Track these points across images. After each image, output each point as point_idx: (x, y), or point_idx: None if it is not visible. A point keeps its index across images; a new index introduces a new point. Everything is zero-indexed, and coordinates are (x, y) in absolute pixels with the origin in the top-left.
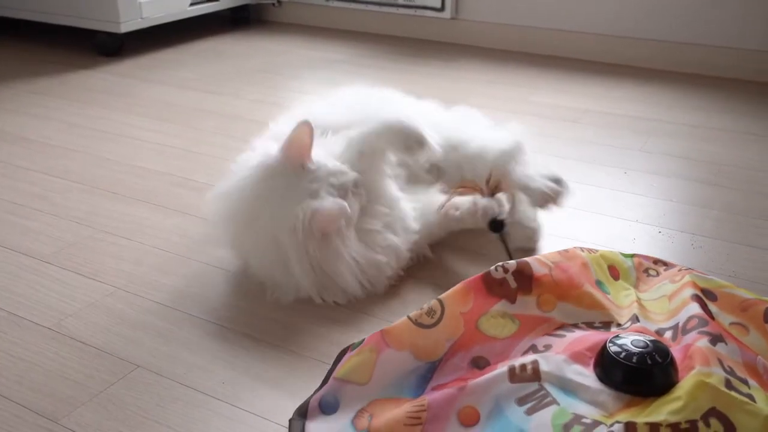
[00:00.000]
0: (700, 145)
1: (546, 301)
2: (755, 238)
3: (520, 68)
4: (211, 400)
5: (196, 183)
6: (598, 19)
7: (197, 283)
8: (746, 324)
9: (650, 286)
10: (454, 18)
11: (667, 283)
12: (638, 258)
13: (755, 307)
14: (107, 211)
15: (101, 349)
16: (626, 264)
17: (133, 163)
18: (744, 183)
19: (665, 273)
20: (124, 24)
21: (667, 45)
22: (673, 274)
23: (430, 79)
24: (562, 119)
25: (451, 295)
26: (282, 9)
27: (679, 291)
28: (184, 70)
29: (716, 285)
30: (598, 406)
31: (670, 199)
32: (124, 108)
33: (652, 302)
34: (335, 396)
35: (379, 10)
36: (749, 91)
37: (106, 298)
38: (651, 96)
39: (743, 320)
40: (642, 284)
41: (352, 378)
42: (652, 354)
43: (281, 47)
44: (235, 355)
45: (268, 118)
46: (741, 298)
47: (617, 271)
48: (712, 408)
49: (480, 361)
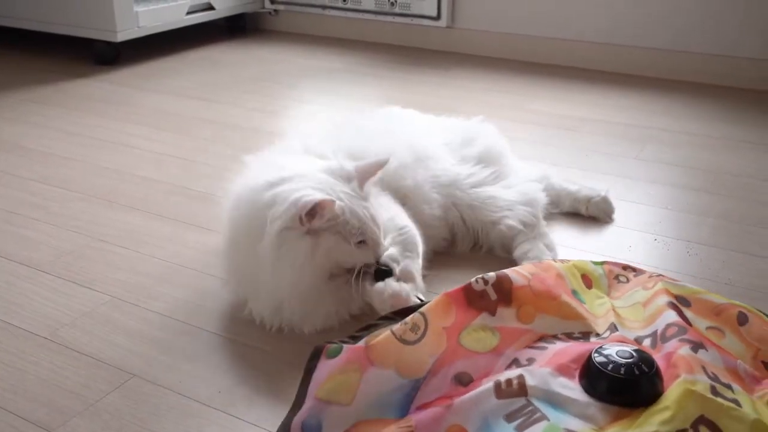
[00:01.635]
0: (697, 153)
1: (526, 312)
2: (751, 246)
3: (517, 76)
4: (207, 409)
5: (193, 192)
6: (595, 28)
7: (194, 293)
8: (722, 328)
9: (622, 293)
10: (450, 27)
11: (639, 290)
12: (608, 265)
13: (728, 311)
14: (104, 219)
15: (97, 359)
16: (597, 272)
17: (130, 171)
18: (740, 191)
19: (635, 279)
20: (121, 33)
21: (664, 53)
22: (644, 281)
23: (426, 87)
24: (559, 127)
25: (433, 308)
26: (278, 18)
27: (653, 298)
28: (180, 79)
29: (688, 291)
30: (588, 419)
31: (666, 207)
32: (121, 117)
33: (626, 309)
34: (318, 418)
35: (375, 19)
36: (745, 100)
37: (102, 307)
38: (647, 104)
39: (718, 324)
40: (613, 291)
41: (334, 398)
42: (639, 364)
43: (278, 56)
44: (231, 364)
45: (266, 127)
46: (714, 303)
47: (590, 280)
48: (700, 416)
49: (463, 377)
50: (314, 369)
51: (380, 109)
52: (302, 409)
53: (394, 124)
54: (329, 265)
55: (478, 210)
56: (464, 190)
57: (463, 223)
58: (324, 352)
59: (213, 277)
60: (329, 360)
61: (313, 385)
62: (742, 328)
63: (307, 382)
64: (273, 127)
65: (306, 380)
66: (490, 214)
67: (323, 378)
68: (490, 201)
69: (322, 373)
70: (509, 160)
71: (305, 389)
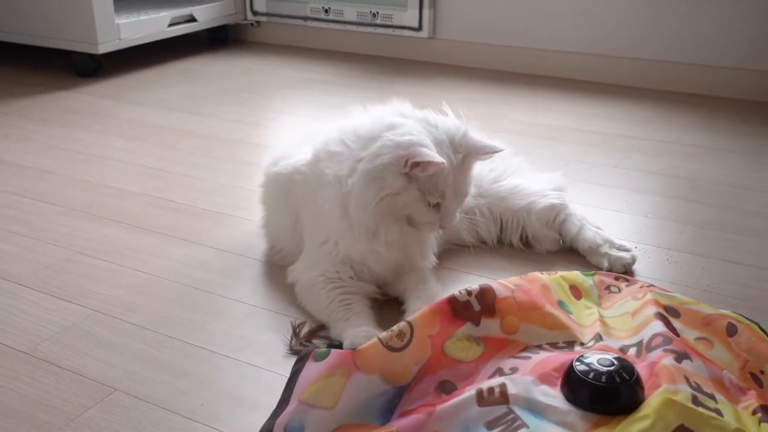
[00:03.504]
0: (676, 161)
1: (510, 323)
2: (730, 253)
3: (498, 86)
4: (190, 423)
5: (174, 204)
6: (575, 38)
7: (175, 305)
8: (710, 338)
9: (613, 303)
10: (432, 37)
11: (629, 300)
12: (599, 275)
13: (717, 321)
14: (84, 232)
15: (78, 373)
16: (587, 283)
17: (110, 184)
18: (719, 199)
19: (627, 289)
20: (102, 45)
21: (643, 63)
22: (635, 291)
23: (408, 98)
24: (538, 136)
25: (419, 317)
26: (260, 29)
27: (642, 308)
28: (162, 91)
29: (678, 302)
30: (567, 427)
31: (646, 215)
32: (102, 129)
33: (615, 319)
34: (301, 421)
35: (357, 30)
36: (723, 108)
37: (83, 321)
38: (626, 113)
39: (707, 335)
40: (605, 301)
41: (318, 402)
42: (619, 372)
43: (260, 67)
44: (214, 376)
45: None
46: (703, 313)
47: (579, 291)
48: (680, 425)
49: (447, 386)
50: (300, 371)
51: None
52: (285, 411)
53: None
54: (400, 210)
55: (507, 200)
56: (491, 184)
57: (491, 214)
58: (312, 354)
59: (194, 288)
60: (316, 363)
61: (297, 388)
62: (731, 339)
63: (293, 384)
64: (255, 138)
65: (291, 382)
66: (520, 202)
67: (308, 381)
68: (518, 190)
69: (308, 376)
70: (516, 158)
71: (290, 391)
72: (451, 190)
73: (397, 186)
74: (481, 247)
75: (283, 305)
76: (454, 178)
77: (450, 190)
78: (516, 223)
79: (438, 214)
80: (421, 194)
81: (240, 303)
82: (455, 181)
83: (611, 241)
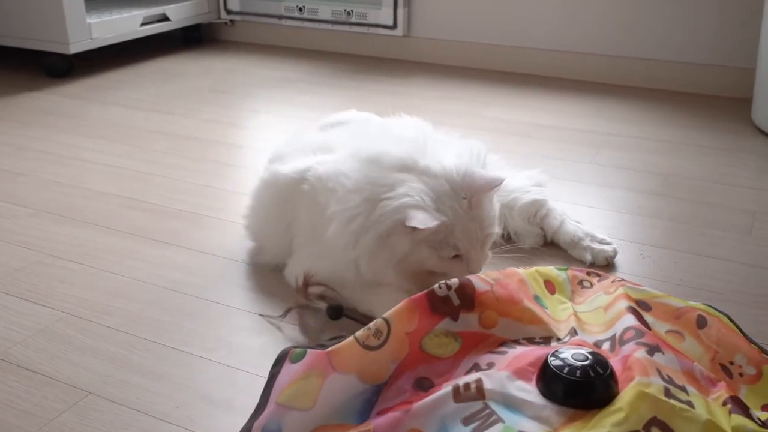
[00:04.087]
0: (649, 157)
1: (488, 317)
2: (702, 247)
3: (473, 84)
4: (165, 425)
5: (148, 204)
6: (549, 36)
7: (150, 307)
8: (681, 331)
9: (585, 297)
10: (407, 35)
11: (601, 294)
12: (572, 270)
13: (688, 314)
14: (56, 235)
15: (51, 377)
16: (561, 277)
17: (82, 185)
18: (691, 193)
19: (599, 284)
20: (74, 45)
21: (616, 60)
22: (606, 286)
23: (382, 96)
24: (514, 134)
25: (396, 314)
26: (234, 28)
27: (614, 302)
28: (135, 91)
29: (649, 295)
30: (543, 421)
31: (620, 211)
32: (73, 130)
33: (588, 314)
34: (278, 423)
35: (331, 29)
36: (695, 104)
37: (55, 324)
38: (600, 110)
39: (678, 328)
40: (577, 296)
41: (295, 404)
42: (594, 366)
43: (234, 66)
44: (189, 378)
45: (222, 138)
46: (674, 306)
47: (553, 286)
48: (653, 417)
49: (424, 382)
50: (278, 374)
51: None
52: (263, 414)
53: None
54: (420, 267)
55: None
56: None
57: None
58: (288, 356)
59: (169, 290)
60: (293, 364)
61: (275, 391)
62: (701, 332)
63: (270, 386)
64: (229, 138)
65: (269, 385)
66: (502, 199)
67: (285, 384)
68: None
69: (285, 378)
70: (494, 156)
71: (268, 394)
72: (464, 240)
73: (405, 248)
74: None
75: (260, 305)
76: (464, 227)
77: (464, 240)
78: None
79: (461, 263)
80: (434, 250)
81: (216, 304)
82: (467, 229)
83: (593, 235)
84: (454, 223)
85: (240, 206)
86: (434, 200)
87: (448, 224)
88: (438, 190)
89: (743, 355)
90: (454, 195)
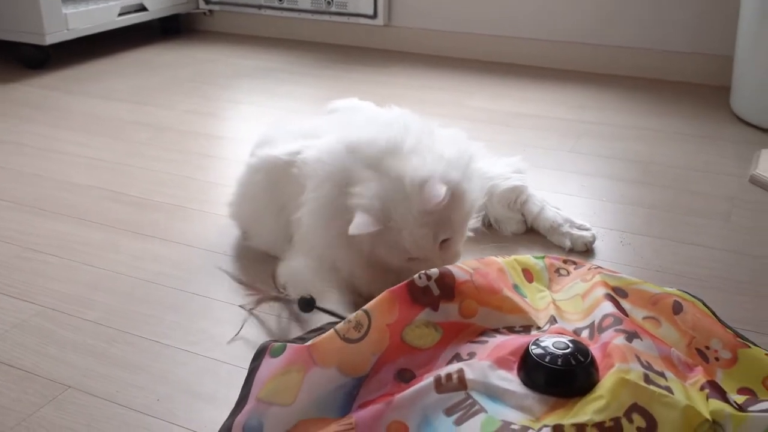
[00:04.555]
0: (629, 145)
1: (468, 307)
2: (682, 235)
3: (454, 73)
4: (146, 418)
5: (127, 197)
6: (530, 25)
7: (131, 300)
8: (658, 317)
9: (562, 285)
10: (387, 25)
11: (578, 282)
12: (549, 259)
13: (664, 300)
14: (34, 228)
15: (30, 371)
16: (538, 266)
17: (60, 178)
18: (671, 181)
19: (575, 272)
20: (50, 36)
21: (597, 49)
22: (583, 273)
23: (364, 86)
24: (495, 123)
25: (377, 305)
26: (213, 18)
27: (591, 290)
28: (113, 82)
29: (626, 282)
30: (525, 410)
31: (601, 199)
32: (51, 122)
33: (566, 302)
34: (259, 419)
35: (311, 18)
36: (675, 92)
37: (34, 318)
38: (581, 99)
39: (655, 314)
40: (554, 284)
41: (276, 399)
42: (575, 354)
43: (213, 56)
44: (171, 371)
45: (201, 129)
46: (650, 293)
47: (531, 274)
48: (633, 404)
49: (405, 374)
50: (258, 368)
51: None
52: (244, 410)
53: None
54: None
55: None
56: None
57: None
58: (268, 350)
59: (149, 282)
60: (273, 359)
61: (255, 386)
62: (677, 317)
63: (250, 382)
64: (209, 129)
65: (249, 380)
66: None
67: (265, 379)
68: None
69: (265, 373)
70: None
71: (248, 390)
72: (413, 245)
73: (366, 246)
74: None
75: (242, 298)
76: (413, 233)
77: (413, 246)
78: (479, 207)
79: (423, 263)
80: (391, 250)
81: (197, 296)
82: (416, 235)
83: (571, 221)
84: (402, 228)
85: (221, 197)
86: (384, 203)
87: (394, 229)
88: (391, 195)
89: (719, 340)
90: (406, 201)
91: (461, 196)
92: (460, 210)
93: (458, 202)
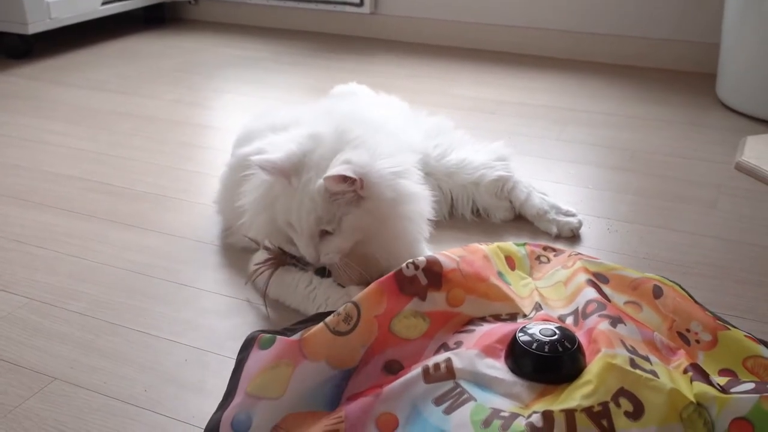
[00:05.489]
0: (615, 132)
1: (455, 296)
2: (667, 221)
3: (440, 61)
4: (133, 409)
5: (112, 187)
6: (515, 13)
7: (116, 291)
8: (638, 302)
9: (543, 273)
10: (374, 13)
11: (560, 269)
12: (529, 246)
13: (644, 285)
14: (17, 219)
15: (15, 363)
16: (520, 253)
17: (44, 168)
18: (656, 168)
19: (556, 259)
20: (32, 25)
21: (583, 36)
22: (564, 260)
23: (350, 75)
24: (481, 110)
25: (365, 297)
26: (198, 7)
27: (573, 276)
28: (97, 72)
29: (606, 268)
30: (514, 398)
31: (587, 186)
32: (34, 112)
33: (548, 289)
34: (248, 413)
35: (297, 6)
36: (660, 79)
37: (18, 310)
38: (567, 86)
39: (635, 298)
40: (536, 272)
41: (265, 393)
42: (562, 341)
43: (198, 46)
44: (157, 362)
45: (186, 119)
46: (630, 278)
47: (513, 261)
48: (620, 388)
49: (393, 365)
50: (246, 360)
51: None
52: (232, 404)
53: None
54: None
55: (455, 176)
56: (438, 160)
57: (440, 191)
58: (257, 342)
59: (135, 273)
60: (261, 351)
61: (243, 380)
62: (657, 301)
63: (238, 374)
64: (194, 118)
65: (237, 372)
66: (468, 176)
67: (254, 372)
68: (464, 165)
69: (253, 366)
70: (459, 131)
71: (236, 382)
72: (281, 212)
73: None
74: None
75: (229, 288)
76: (287, 199)
77: (280, 212)
78: (466, 197)
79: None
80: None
81: (183, 286)
82: (288, 203)
83: (558, 207)
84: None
85: (206, 187)
86: (299, 161)
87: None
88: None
89: (698, 322)
90: (315, 170)
91: (364, 198)
92: (354, 211)
93: (358, 201)
